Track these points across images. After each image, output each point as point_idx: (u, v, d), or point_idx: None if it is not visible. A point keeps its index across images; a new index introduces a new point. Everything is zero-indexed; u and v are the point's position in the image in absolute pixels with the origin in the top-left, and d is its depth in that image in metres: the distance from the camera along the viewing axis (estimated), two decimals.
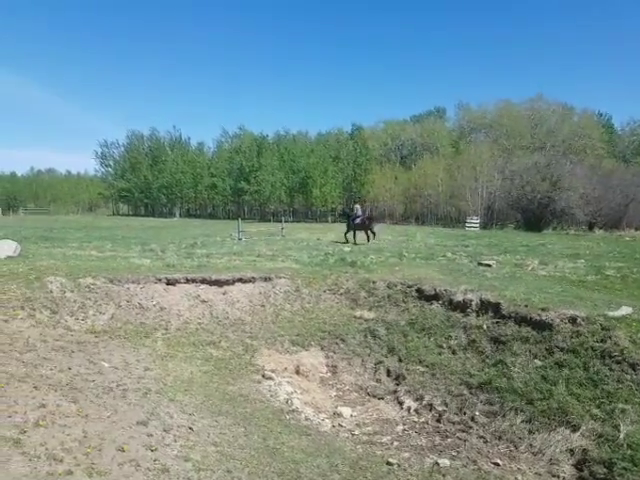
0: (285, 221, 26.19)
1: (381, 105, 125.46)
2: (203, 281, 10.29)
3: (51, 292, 8.69)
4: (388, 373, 7.95)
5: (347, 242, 18.52)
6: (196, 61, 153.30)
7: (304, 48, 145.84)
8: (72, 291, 8.94)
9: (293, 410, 6.68)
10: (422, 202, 58.77)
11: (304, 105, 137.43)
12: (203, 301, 9.73)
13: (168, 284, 10.01)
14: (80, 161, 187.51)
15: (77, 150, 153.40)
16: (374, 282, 10.51)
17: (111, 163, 78.13)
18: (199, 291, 9.98)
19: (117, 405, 5.22)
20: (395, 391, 7.45)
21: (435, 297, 9.52)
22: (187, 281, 10.20)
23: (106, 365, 6.51)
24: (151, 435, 4.69)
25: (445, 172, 54.45)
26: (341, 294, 10.30)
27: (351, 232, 18.80)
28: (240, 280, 10.46)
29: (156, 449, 4.42)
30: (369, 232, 18.71)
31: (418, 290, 9.88)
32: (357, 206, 20.56)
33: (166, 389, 6.19)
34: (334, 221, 58.97)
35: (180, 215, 68.40)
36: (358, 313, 9.61)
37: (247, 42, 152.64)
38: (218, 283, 10.31)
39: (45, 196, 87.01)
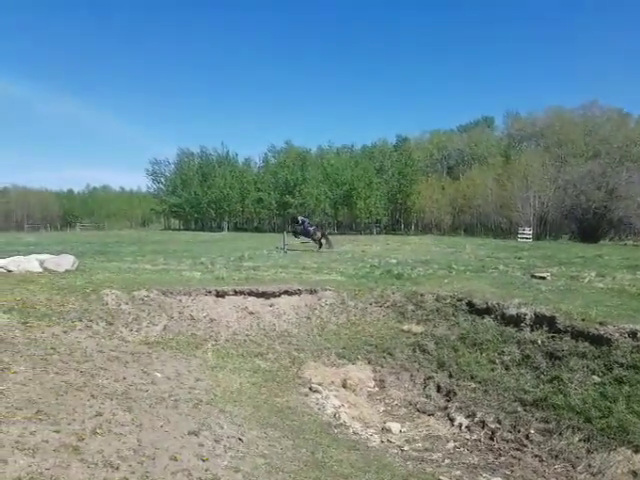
0: (329, 233, 26.21)
1: (426, 116, 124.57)
2: (251, 293, 10.45)
3: (107, 304, 9.08)
4: (438, 389, 7.73)
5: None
6: (244, 79, 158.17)
7: (349, 61, 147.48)
8: (127, 303, 9.30)
9: (341, 424, 6.61)
10: (471, 213, 57.41)
11: (349, 118, 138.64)
12: (251, 313, 9.88)
13: (218, 296, 10.23)
14: (133, 178, 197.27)
15: (130, 168, 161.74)
16: (422, 295, 10.29)
17: (162, 180, 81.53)
18: (247, 303, 10.14)
19: (169, 415, 5.34)
20: (446, 407, 7.24)
21: (487, 311, 9.19)
22: (235, 293, 10.39)
23: (159, 375, 6.70)
24: (202, 445, 4.75)
25: (495, 182, 53.01)
26: (388, 307, 10.15)
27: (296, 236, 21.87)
28: (286, 292, 10.54)
29: (207, 459, 4.47)
30: (322, 240, 21.43)
31: (469, 303, 9.58)
32: (300, 218, 23.66)
33: (216, 400, 6.28)
34: (379, 232, 58.53)
35: (228, 229, 70.15)
36: (406, 327, 9.42)
37: (292, 57, 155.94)
38: (265, 295, 10.43)
39: (100, 212, 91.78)
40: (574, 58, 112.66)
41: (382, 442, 6.37)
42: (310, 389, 7.54)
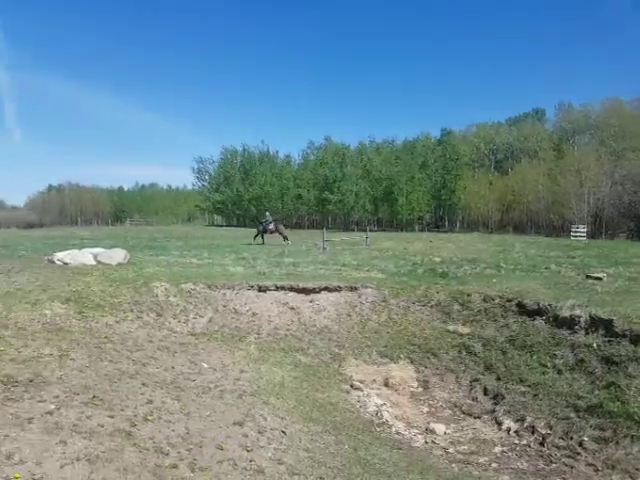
0: (369, 230, 26.03)
1: (472, 108, 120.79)
2: (291, 289, 10.56)
3: (156, 296, 9.43)
4: (485, 391, 7.53)
5: (261, 244, 22.23)
6: (285, 76, 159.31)
7: (390, 53, 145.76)
8: (175, 296, 9.63)
9: (383, 423, 6.58)
10: (520, 210, 55.24)
11: (390, 113, 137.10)
12: (291, 308, 9.98)
13: (259, 291, 10.41)
14: (179, 176, 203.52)
15: (177, 166, 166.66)
16: (469, 295, 10.04)
17: (206, 178, 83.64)
18: (287, 298, 10.25)
19: (215, 405, 5.50)
20: (493, 410, 7.03)
21: (538, 312, 8.85)
22: (277, 288, 10.53)
23: (205, 366, 6.90)
24: (246, 436, 4.86)
25: (546, 177, 50.66)
26: (432, 306, 9.98)
27: (260, 235, 22.84)
28: (326, 289, 10.58)
29: (252, 450, 4.56)
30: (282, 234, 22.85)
31: (519, 304, 9.25)
32: (267, 213, 25.02)
33: (259, 392, 6.40)
34: (422, 230, 57.52)
35: None
36: (451, 327, 9.23)
37: (330, 53, 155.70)
38: (305, 291, 10.51)
39: (148, 208, 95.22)
40: (630, 47, 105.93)
41: (426, 443, 6.28)
42: (351, 386, 7.55)
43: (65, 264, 11.43)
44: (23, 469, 3.24)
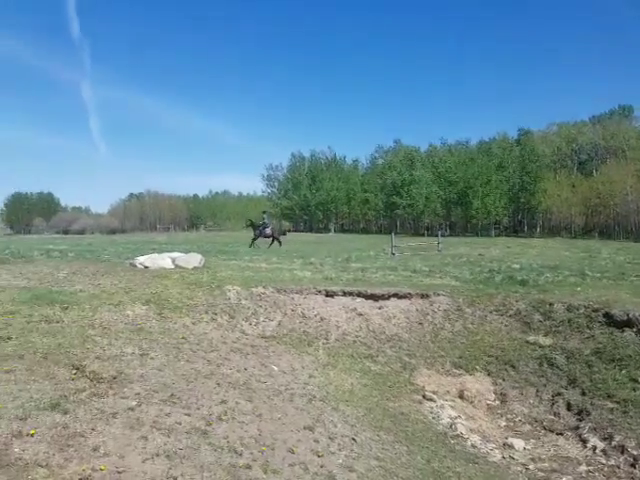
0: (441, 235, 25.24)
1: (552, 106, 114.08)
2: (359, 294, 10.44)
3: (229, 299, 9.72)
4: (568, 407, 6.99)
5: (250, 247, 21.82)
6: (353, 82, 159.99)
7: (461, 52, 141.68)
8: (246, 299, 9.87)
9: (457, 435, 6.31)
10: (607, 213, 51.18)
11: (462, 113, 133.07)
12: (360, 314, 9.84)
13: (327, 296, 10.40)
14: (250, 183, 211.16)
15: (247, 174, 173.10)
16: (550, 304, 9.37)
17: (275, 184, 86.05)
18: (355, 304, 10.14)
19: (286, 408, 5.51)
20: (577, 427, 6.53)
21: (627, 323, 8.09)
22: (344, 294, 10.47)
23: (275, 369, 6.97)
24: (317, 441, 4.81)
25: (635, 178, 46.57)
26: (510, 316, 9.41)
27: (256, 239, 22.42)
28: (396, 295, 10.33)
29: (322, 455, 4.51)
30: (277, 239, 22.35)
31: (606, 315, 8.50)
32: (265, 215, 23.96)
33: (329, 397, 6.35)
34: (498, 235, 54.97)
35: (335, 230, 71.44)
36: (531, 338, 8.64)
37: (400, 53, 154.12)
38: (374, 297, 10.34)
39: (221, 215, 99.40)
40: None
41: (504, 458, 5.95)
42: (424, 397, 7.30)
43: (145, 267, 12.12)
44: (108, 461, 3.40)
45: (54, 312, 7.53)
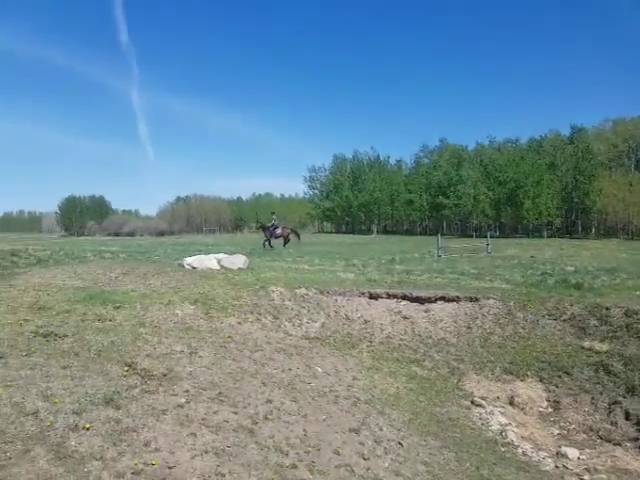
0: (491, 236, 24.46)
1: (607, 102, 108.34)
2: (404, 297, 10.25)
3: (273, 300, 9.82)
4: (627, 416, 6.57)
5: (270, 248, 21.72)
6: (396, 82, 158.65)
7: (511, 45, 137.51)
8: (290, 300, 9.93)
9: (508, 443, 6.08)
10: None
11: (512, 110, 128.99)
12: (405, 317, 9.66)
13: (371, 298, 10.28)
14: (292, 185, 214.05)
15: (290, 176, 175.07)
16: (607, 308, 8.85)
17: (317, 185, 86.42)
18: (400, 307, 9.96)
19: (331, 410, 5.48)
20: (637, 438, 6.15)
21: None
22: (388, 296, 10.31)
23: (319, 370, 6.95)
24: (363, 444, 4.75)
25: None
26: (564, 320, 8.95)
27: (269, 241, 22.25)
28: (443, 298, 10.07)
29: (368, 458, 4.44)
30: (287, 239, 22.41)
31: None
32: (274, 217, 23.66)
33: (374, 401, 6.26)
34: (551, 236, 52.83)
35: (377, 232, 70.86)
36: (587, 344, 8.19)
37: (443, 49, 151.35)
38: (419, 300, 10.13)
39: (263, 217, 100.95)
40: None
41: (557, 467, 5.69)
42: (472, 402, 7.07)
43: (193, 268, 12.45)
44: (158, 457, 3.48)
45: (107, 311, 7.86)
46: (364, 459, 4.41)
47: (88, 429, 3.64)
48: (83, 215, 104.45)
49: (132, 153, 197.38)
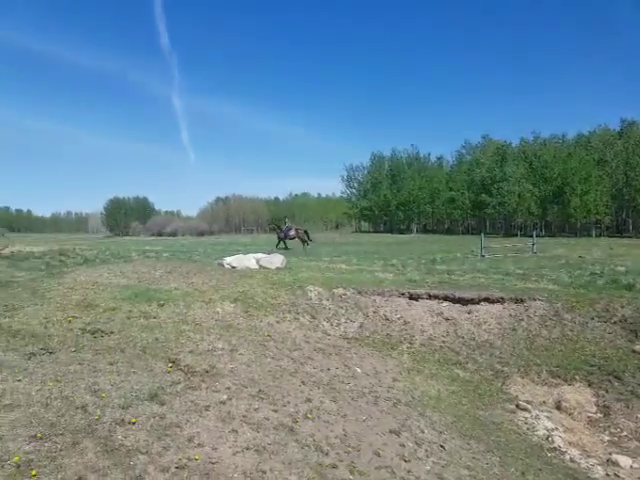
0: (536, 236, 23.54)
1: None
2: (446, 298, 10.03)
3: (310, 299, 9.84)
4: None
5: (284, 248, 21.48)
6: (435, 77, 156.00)
7: (559, 38, 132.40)
8: (327, 300, 9.92)
9: (555, 448, 5.87)
10: None
11: (557, 105, 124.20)
12: (447, 319, 9.45)
13: (411, 299, 10.12)
14: (328, 185, 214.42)
15: (327, 175, 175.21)
16: None
17: (355, 185, 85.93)
18: (442, 308, 9.76)
19: (370, 410, 5.42)
20: None
21: None
22: (429, 297, 10.12)
23: (359, 371, 6.90)
24: (403, 446, 4.67)
25: None
26: (614, 323, 8.51)
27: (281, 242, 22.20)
28: (486, 300, 9.78)
29: (409, 460, 4.37)
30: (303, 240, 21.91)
31: None
32: (287, 219, 24.10)
33: (415, 403, 6.15)
34: (599, 235, 50.51)
35: (417, 231, 69.79)
36: (638, 347, 7.76)
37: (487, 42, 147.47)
38: (462, 301, 9.88)
39: (300, 216, 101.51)
40: None
41: (607, 475, 5.46)
42: (517, 406, 6.85)
43: (232, 267, 12.67)
44: (201, 452, 3.54)
45: (151, 308, 8.11)
46: (405, 461, 4.34)
47: (134, 423, 3.74)
48: (127, 216, 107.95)
49: (173, 155, 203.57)
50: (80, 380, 4.47)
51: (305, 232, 22.67)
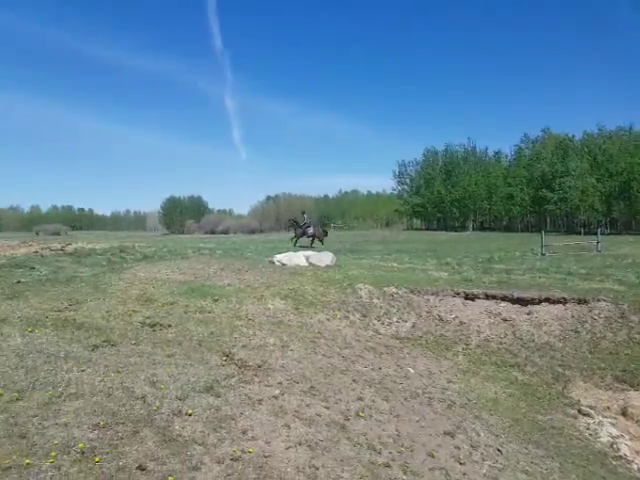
0: (601, 233, 22.19)
1: None
2: (504, 298, 9.65)
3: (361, 297, 9.77)
4: None
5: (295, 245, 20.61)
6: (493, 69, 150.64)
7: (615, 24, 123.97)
8: (378, 298, 9.82)
9: (620, 456, 5.54)
10: None
11: (623, 96, 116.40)
12: (504, 320, 9.09)
13: (467, 298, 9.81)
14: (378, 181, 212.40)
15: (376, 172, 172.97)
16: None
17: (407, 181, 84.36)
18: (500, 309, 9.39)
19: (424, 411, 5.31)
20: None
21: None
22: (487, 297, 9.77)
23: (411, 371, 6.78)
24: (458, 448, 4.55)
25: None
26: None
27: (298, 239, 21.29)
28: (547, 300, 9.33)
29: (464, 463, 4.25)
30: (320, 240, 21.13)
31: None
32: (305, 215, 22.70)
33: (470, 405, 5.97)
34: None
35: (473, 228, 67.65)
36: None
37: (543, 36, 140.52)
38: (521, 302, 9.47)
39: (350, 214, 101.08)
40: None
41: None
42: (579, 411, 6.50)
43: (283, 265, 12.83)
44: (255, 445, 3.61)
45: (206, 303, 8.36)
46: (460, 464, 4.22)
47: (191, 415, 3.86)
48: (183, 214, 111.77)
49: (226, 154, 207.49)
50: (140, 371, 4.68)
51: (324, 232, 22.58)
